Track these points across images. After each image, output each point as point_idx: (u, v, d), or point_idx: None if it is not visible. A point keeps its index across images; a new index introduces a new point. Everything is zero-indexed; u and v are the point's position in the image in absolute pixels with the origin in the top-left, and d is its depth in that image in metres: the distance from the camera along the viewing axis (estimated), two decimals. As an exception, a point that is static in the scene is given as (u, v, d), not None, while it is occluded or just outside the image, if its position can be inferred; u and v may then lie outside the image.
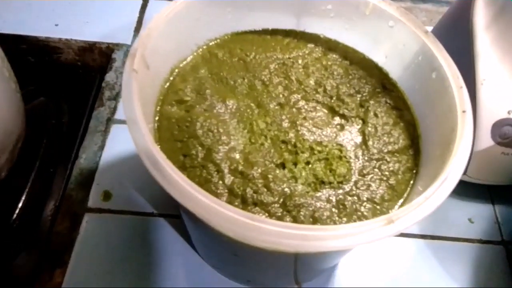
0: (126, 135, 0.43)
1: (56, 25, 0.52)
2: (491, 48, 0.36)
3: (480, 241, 0.40)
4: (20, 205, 0.40)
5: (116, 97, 0.46)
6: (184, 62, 0.31)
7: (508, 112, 0.36)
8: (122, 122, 0.45)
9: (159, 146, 0.26)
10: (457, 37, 0.39)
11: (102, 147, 0.43)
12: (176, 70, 0.31)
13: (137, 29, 0.52)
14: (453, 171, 0.22)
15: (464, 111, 0.25)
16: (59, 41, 0.51)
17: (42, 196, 0.41)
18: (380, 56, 0.33)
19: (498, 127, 0.35)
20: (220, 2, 0.31)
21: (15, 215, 0.40)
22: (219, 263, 0.33)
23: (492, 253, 0.40)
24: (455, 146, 0.23)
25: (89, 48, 0.51)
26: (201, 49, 0.32)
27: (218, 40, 0.33)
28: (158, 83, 0.29)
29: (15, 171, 0.40)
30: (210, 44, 0.33)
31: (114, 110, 0.45)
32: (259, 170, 0.27)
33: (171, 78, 0.30)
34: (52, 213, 0.40)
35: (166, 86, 0.30)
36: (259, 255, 0.26)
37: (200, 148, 0.27)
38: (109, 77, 0.48)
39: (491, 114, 0.35)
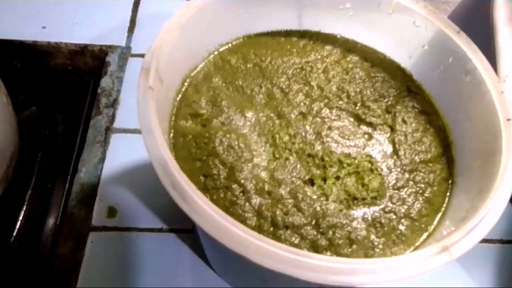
0: (128, 145, 0.41)
1: (44, 27, 0.48)
2: (514, 44, 0.34)
3: (501, 241, 0.39)
4: (18, 225, 0.37)
5: (113, 104, 0.43)
6: (196, 71, 0.29)
7: (531, 110, 0.34)
8: (122, 131, 0.42)
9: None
10: (475, 32, 0.37)
11: (102, 159, 0.40)
12: (188, 80, 0.28)
13: (131, 29, 0.49)
14: (505, 188, 0.21)
15: (508, 119, 0.23)
16: (47, 45, 0.47)
17: (41, 215, 0.38)
18: (403, 56, 0.31)
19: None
20: (233, 3, 0.28)
21: (13, 237, 0.37)
22: (241, 283, 0.32)
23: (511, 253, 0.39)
24: (503, 159, 0.22)
25: (81, 51, 0.48)
26: (212, 56, 0.30)
27: (230, 45, 0.31)
28: (171, 96, 0.27)
29: (10, 189, 0.37)
30: (222, 49, 0.30)
31: (112, 118, 0.42)
32: (287, 189, 0.25)
33: (183, 89, 0.28)
34: (53, 232, 0.38)
35: (178, 98, 0.28)
36: (294, 282, 0.24)
37: (221, 167, 0.25)
38: (105, 82, 0.45)
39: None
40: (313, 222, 0.24)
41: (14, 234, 0.37)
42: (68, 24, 0.49)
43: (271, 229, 0.24)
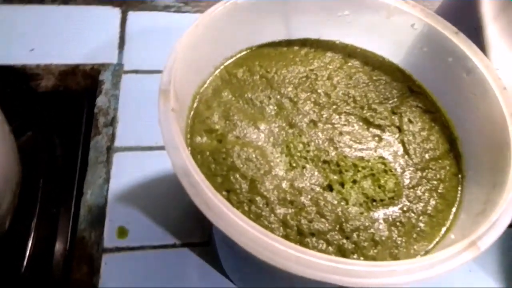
0: (131, 163, 0.41)
1: (31, 50, 0.47)
2: (501, 38, 0.36)
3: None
4: (27, 254, 0.37)
5: (112, 123, 0.43)
6: (204, 87, 0.29)
7: (522, 100, 0.36)
8: (124, 149, 0.42)
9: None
10: (462, 28, 0.38)
11: (107, 180, 0.40)
12: (198, 97, 0.29)
13: (121, 46, 0.49)
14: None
15: (514, 114, 0.24)
16: (37, 68, 0.47)
17: (50, 241, 0.38)
18: (402, 58, 0.32)
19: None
20: (236, 18, 0.29)
21: (24, 266, 0.36)
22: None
23: (514, 237, 0.40)
24: (513, 152, 0.23)
25: (72, 71, 0.47)
26: (218, 70, 0.30)
27: (235, 58, 0.31)
28: (185, 114, 0.27)
29: (16, 218, 0.37)
30: (227, 63, 0.31)
31: (112, 137, 0.42)
32: (308, 196, 0.26)
33: (195, 106, 0.28)
34: (63, 258, 0.37)
35: (191, 116, 0.28)
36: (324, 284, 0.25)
37: (242, 180, 0.26)
38: (101, 101, 0.44)
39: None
40: (337, 227, 0.25)
41: (25, 263, 0.36)
42: (56, 44, 0.48)
43: (298, 237, 0.24)
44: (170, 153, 0.21)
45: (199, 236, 0.37)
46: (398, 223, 0.25)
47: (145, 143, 0.42)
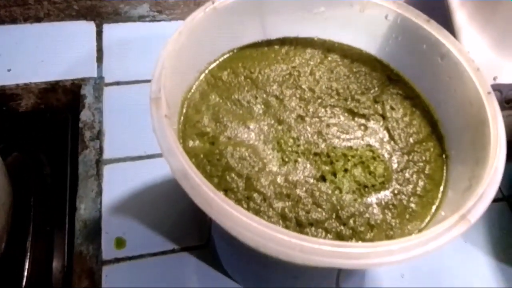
0: (122, 174, 0.41)
1: (9, 70, 0.47)
2: (470, 23, 0.37)
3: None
4: (25, 275, 0.37)
5: (98, 136, 0.43)
6: (191, 92, 0.30)
7: (494, 79, 0.38)
8: (114, 161, 0.42)
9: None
10: (431, 14, 0.40)
11: (99, 193, 0.40)
12: (186, 102, 0.29)
13: (99, 59, 0.49)
14: (500, 154, 0.23)
15: (489, 92, 0.26)
16: (16, 87, 0.46)
17: (47, 259, 0.38)
18: (378, 48, 0.33)
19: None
20: (216, 23, 0.29)
21: (23, 287, 0.36)
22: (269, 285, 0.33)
23: (498, 211, 0.42)
24: (491, 129, 0.24)
25: (51, 88, 0.47)
26: (203, 74, 0.31)
27: (218, 62, 0.32)
28: (175, 119, 0.28)
29: (11, 240, 0.36)
30: (211, 67, 0.31)
31: (100, 150, 0.42)
32: (303, 189, 0.26)
33: (184, 111, 0.29)
34: (62, 275, 0.37)
35: (181, 121, 0.28)
36: (323, 270, 0.26)
37: (238, 179, 0.26)
38: (85, 115, 0.44)
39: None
40: (334, 215, 0.26)
41: (23, 284, 0.36)
42: (33, 63, 0.48)
43: (298, 228, 0.25)
44: (168, 158, 0.22)
45: (197, 239, 0.37)
46: (390, 206, 0.26)
47: (134, 153, 0.42)
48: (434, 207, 0.27)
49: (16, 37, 0.50)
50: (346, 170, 0.28)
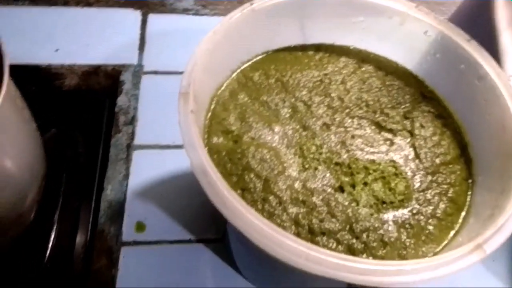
0: (150, 160, 0.42)
1: (56, 50, 0.49)
2: (516, 45, 0.36)
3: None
4: (50, 245, 0.39)
5: (132, 122, 0.45)
6: (221, 89, 0.30)
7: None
8: (144, 147, 0.43)
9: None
10: (477, 35, 0.39)
11: (127, 176, 0.41)
12: (215, 99, 0.30)
13: (141, 47, 0.51)
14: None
15: (524, 121, 0.25)
16: (61, 67, 0.48)
17: (71, 233, 0.40)
18: (414, 64, 0.33)
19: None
20: (253, 23, 0.30)
21: (46, 257, 0.38)
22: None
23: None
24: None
25: (94, 71, 0.49)
26: (235, 74, 0.31)
27: (251, 62, 0.32)
28: (203, 115, 0.28)
29: (40, 211, 0.38)
30: (243, 67, 0.32)
31: (132, 135, 0.44)
32: (320, 197, 0.26)
33: (212, 107, 0.30)
34: (84, 250, 0.39)
35: (208, 117, 0.29)
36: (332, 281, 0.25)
37: (257, 180, 0.27)
38: (121, 101, 0.46)
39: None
40: (347, 227, 0.26)
41: (47, 254, 0.38)
42: (79, 45, 0.50)
43: (309, 236, 0.25)
44: (189, 153, 0.22)
45: (214, 232, 0.38)
46: (407, 225, 0.26)
47: (163, 142, 0.43)
48: (452, 232, 0.26)
49: (66, 19, 0.52)
50: (365, 184, 0.27)
